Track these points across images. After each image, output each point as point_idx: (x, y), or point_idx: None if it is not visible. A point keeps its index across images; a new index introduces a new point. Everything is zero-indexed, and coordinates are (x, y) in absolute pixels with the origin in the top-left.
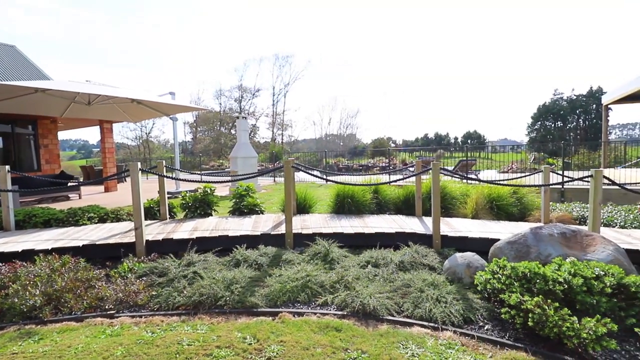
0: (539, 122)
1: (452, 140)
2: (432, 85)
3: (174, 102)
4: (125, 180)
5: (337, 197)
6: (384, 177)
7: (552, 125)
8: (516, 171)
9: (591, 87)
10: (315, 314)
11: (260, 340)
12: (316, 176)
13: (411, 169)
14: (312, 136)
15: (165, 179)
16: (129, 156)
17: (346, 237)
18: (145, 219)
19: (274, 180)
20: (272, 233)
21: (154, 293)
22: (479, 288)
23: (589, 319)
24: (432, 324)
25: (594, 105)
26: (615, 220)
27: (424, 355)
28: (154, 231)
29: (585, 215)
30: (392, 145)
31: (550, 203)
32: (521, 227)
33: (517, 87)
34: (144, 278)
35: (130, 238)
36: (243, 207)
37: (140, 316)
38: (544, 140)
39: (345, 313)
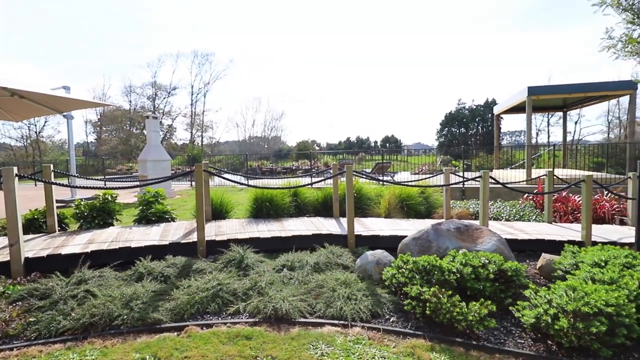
0: (446, 128)
1: (372, 144)
2: (354, 90)
3: (68, 96)
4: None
5: (255, 201)
6: (305, 180)
7: (457, 131)
8: (426, 173)
9: (487, 99)
10: (225, 324)
11: (161, 358)
12: (231, 180)
13: (331, 171)
14: (235, 138)
15: (57, 185)
16: (12, 159)
17: (263, 241)
18: (28, 233)
19: (191, 185)
20: (183, 242)
21: (31, 319)
22: (386, 283)
23: (474, 302)
24: (342, 322)
25: (490, 115)
26: (502, 214)
27: (332, 353)
28: (37, 247)
29: (490, 212)
30: (317, 148)
31: (452, 201)
32: (426, 224)
33: (429, 96)
34: (20, 303)
35: (4, 257)
36: (151, 214)
37: (12, 349)
38: (451, 144)
39: (257, 320)
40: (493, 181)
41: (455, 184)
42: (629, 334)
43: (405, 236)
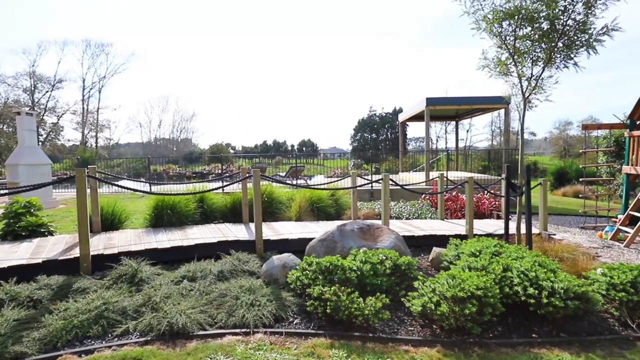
0: (359, 134)
1: (290, 148)
2: (272, 93)
3: None
4: None
5: (155, 208)
6: (214, 185)
7: (369, 137)
8: (339, 176)
9: (395, 107)
10: (110, 347)
11: None
12: (123, 187)
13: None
14: (139, 140)
15: None
16: None
17: (162, 252)
18: None
19: None
20: (62, 258)
21: None
22: (292, 286)
23: (371, 297)
24: (244, 330)
25: (397, 122)
26: (403, 213)
27: None
28: None
29: (393, 212)
30: (232, 151)
31: (361, 202)
32: (334, 226)
33: (345, 102)
34: None
35: None
36: (20, 229)
37: None
38: (363, 149)
39: (149, 338)
40: (393, 183)
41: (360, 186)
42: (494, 312)
43: (314, 238)
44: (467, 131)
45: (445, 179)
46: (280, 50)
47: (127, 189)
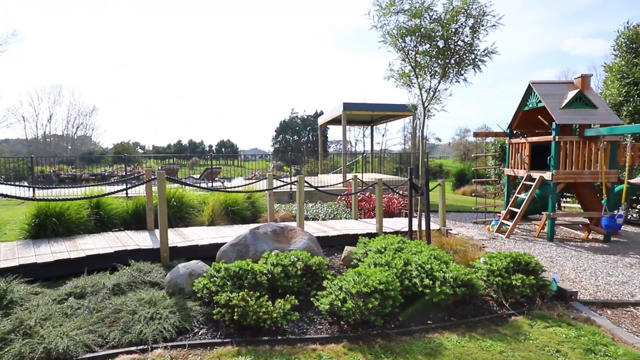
0: (281, 135)
1: (207, 148)
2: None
3: None
4: None
5: (37, 217)
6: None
7: (291, 139)
8: (259, 178)
9: (317, 110)
10: None
11: None
12: None
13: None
14: (22, 136)
15: None
16: None
17: (42, 267)
18: None
19: None
20: None
21: None
22: (199, 295)
23: (280, 300)
24: (141, 347)
25: (318, 125)
26: (320, 214)
27: None
28: None
29: (309, 213)
30: (140, 151)
31: (280, 204)
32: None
33: (266, 103)
34: None
35: None
36: None
37: None
38: (285, 150)
39: None
40: (308, 185)
41: (276, 188)
42: (395, 304)
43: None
44: (383, 135)
45: (359, 180)
46: (198, 45)
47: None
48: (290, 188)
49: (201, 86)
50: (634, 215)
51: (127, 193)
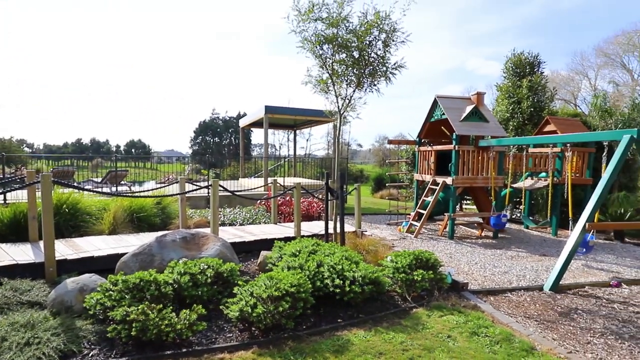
0: (201, 137)
1: (114, 148)
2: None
3: None
4: None
5: None
6: None
7: (212, 140)
8: (173, 182)
9: (240, 112)
10: None
11: None
12: None
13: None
14: None
15: None
16: None
17: None
18: None
19: None
20: None
21: None
22: (91, 312)
23: (185, 310)
24: None
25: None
26: (238, 219)
27: None
28: None
29: (226, 218)
30: (27, 150)
31: (195, 210)
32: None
33: (184, 101)
34: None
35: None
36: None
37: None
38: (205, 153)
39: None
40: (223, 189)
41: (187, 192)
42: (306, 305)
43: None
44: (307, 140)
45: (278, 184)
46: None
47: None
48: (208, 192)
49: (106, 79)
50: (517, 214)
51: (4, 199)
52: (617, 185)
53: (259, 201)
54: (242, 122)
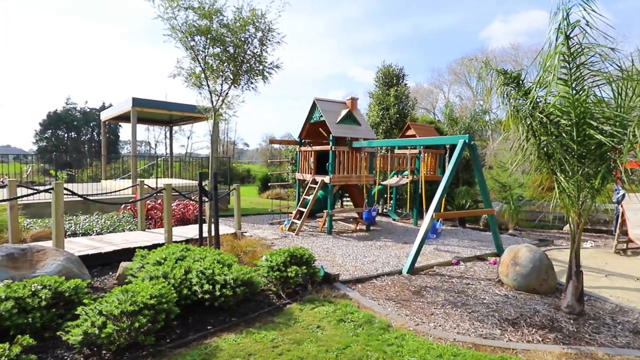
0: (50, 130)
1: None
2: None
3: None
4: None
5: None
6: None
7: (66, 135)
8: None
9: (104, 103)
10: None
11: None
12: None
13: None
14: None
15: None
16: None
17: None
18: None
19: None
20: None
21: None
22: None
23: (2, 345)
24: None
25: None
26: (94, 228)
27: None
28: None
29: (79, 227)
30: None
31: (35, 220)
32: None
33: (24, 88)
34: None
35: None
36: None
37: None
38: (57, 150)
39: None
40: (70, 193)
41: (20, 197)
42: (169, 317)
43: None
44: (189, 138)
45: (147, 186)
46: None
47: None
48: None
49: None
50: (387, 209)
51: None
52: (462, 180)
53: (123, 206)
54: (105, 115)
